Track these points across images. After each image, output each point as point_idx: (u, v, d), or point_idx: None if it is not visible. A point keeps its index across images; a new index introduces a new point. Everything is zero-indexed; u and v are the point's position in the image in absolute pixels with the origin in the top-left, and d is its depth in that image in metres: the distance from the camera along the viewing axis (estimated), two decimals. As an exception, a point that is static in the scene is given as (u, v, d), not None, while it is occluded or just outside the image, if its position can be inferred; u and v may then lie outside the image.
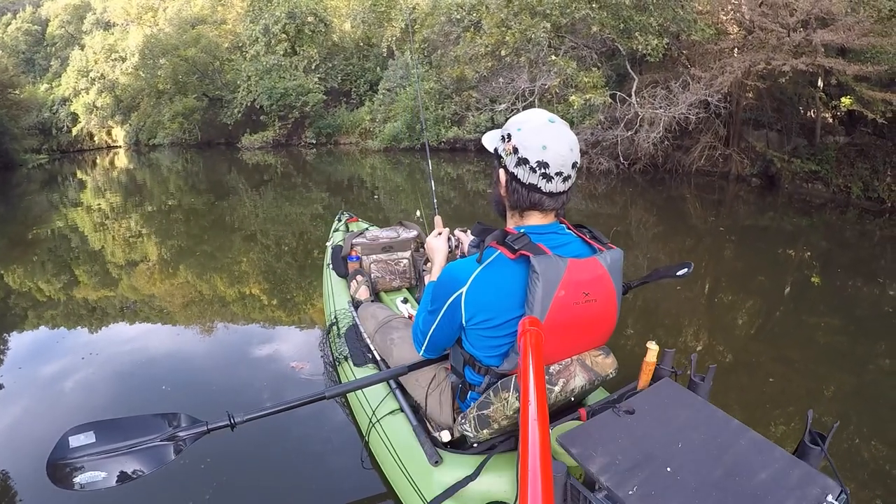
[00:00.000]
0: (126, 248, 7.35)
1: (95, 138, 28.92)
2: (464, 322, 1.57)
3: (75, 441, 1.57)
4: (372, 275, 3.38)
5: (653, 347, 1.69)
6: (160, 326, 4.63)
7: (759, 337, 4.21)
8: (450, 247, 2.02)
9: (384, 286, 3.44)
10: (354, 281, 3.28)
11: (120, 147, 27.89)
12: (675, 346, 3.90)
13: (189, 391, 3.36)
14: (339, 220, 4.66)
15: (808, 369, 3.65)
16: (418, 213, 3.81)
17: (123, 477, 1.57)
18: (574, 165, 1.51)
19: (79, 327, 4.64)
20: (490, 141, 1.66)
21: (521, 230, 1.55)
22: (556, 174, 1.48)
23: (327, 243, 4.25)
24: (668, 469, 1.26)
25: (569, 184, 1.53)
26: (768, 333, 4.30)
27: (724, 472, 1.25)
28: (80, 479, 1.52)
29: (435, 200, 2.93)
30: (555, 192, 1.51)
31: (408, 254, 3.48)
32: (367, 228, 4.06)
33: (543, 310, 1.45)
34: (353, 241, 3.48)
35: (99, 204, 11.61)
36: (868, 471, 2.60)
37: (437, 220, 2.34)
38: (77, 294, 5.45)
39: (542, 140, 1.46)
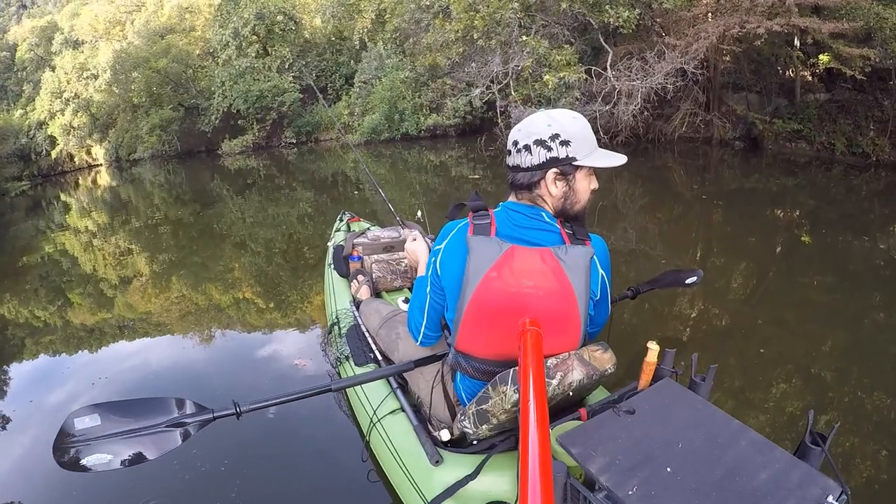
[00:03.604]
0: (118, 267, 7.29)
1: (75, 159, 28.46)
2: (440, 281, 1.67)
3: (80, 423, 1.55)
4: (373, 274, 3.38)
5: (653, 347, 1.68)
6: (162, 340, 4.61)
7: (752, 301, 4.24)
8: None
9: (385, 286, 3.43)
10: (356, 281, 3.29)
11: (101, 165, 27.47)
12: (669, 314, 3.94)
13: (195, 397, 3.37)
14: (341, 220, 4.63)
15: (804, 329, 3.69)
16: (419, 213, 3.83)
17: (129, 461, 1.56)
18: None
19: (82, 352, 4.60)
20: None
21: (506, 206, 1.65)
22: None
23: (329, 243, 4.23)
24: (669, 469, 1.26)
25: None
26: (761, 295, 4.33)
27: (724, 473, 1.25)
28: (85, 461, 1.51)
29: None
30: None
31: None
32: (368, 228, 4.04)
33: (473, 286, 1.53)
34: (355, 240, 3.48)
35: (86, 225, 11.50)
36: (872, 423, 2.64)
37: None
38: (75, 319, 5.40)
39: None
